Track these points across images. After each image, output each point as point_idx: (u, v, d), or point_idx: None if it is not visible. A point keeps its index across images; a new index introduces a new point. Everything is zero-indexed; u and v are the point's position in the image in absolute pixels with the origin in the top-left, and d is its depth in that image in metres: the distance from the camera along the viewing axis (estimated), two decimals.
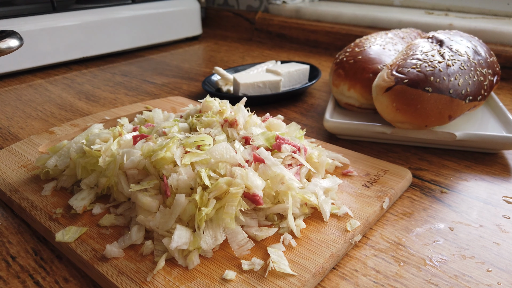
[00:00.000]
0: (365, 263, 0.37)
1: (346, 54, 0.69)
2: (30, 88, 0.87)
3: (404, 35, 0.76)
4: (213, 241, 0.36)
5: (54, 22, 0.96)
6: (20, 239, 0.42)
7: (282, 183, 0.40)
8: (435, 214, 0.44)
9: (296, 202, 0.41)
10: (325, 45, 1.16)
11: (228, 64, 1.03)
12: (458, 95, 0.54)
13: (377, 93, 0.56)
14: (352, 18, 1.14)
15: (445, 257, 0.37)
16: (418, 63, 0.55)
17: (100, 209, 0.42)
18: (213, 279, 0.34)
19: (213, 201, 0.37)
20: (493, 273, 0.36)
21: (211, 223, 0.37)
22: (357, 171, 0.49)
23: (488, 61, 0.61)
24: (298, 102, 0.77)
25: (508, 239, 0.40)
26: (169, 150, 0.40)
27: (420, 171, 0.52)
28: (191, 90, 0.85)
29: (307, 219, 0.41)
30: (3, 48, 0.54)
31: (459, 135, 0.54)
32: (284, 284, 0.33)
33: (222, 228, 0.37)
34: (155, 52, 1.16)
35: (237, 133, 0.46)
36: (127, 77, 0.94)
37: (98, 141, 0.47)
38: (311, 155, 0.47)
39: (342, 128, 0.59)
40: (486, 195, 0.47)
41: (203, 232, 0.36)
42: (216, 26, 1.47)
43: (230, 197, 0.37)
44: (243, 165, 0.40)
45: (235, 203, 0.37)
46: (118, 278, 0.34)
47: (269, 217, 0.41)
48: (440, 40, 0.61)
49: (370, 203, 0.43)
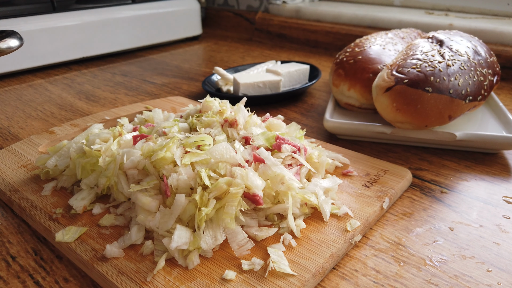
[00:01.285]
0: (365, 263, 0.37)
1: (346, 54, 0.69)
2: (30, 88, 0.87)
3: (404, 35, 0.76)
4: (213, 241, 0.36)
5: (54, 22, 0.96)
6: (20, 239, 0.42)
7: (282, 183, 0.40)
8: (435, 214, 0.44)
9: (296, 202, 0.41)
10: (325, 45, 1.16)
11: (228, 64, 1.03)
12: (458, 95, 0.54)
13: (377, 93, 0.56)
14: (352, 18, 1.14)
15: (445, 257, 0.37)
16: (418, 63, 0.55)
17: (100, 209, 0.42)
18: (213, 279, 0.34)
19: (213, 201, 0.37)
20: (493, 273, 0.36)
21: (211, 223, 0.37)
22: (357, 171, 0.49)
23: (488, 61, 0.61)
24: (298, 102, 0.77)
25: (508, 239, 0.40)
26: (169, 150, 0.40)
27: (420, 171, 0.52)
28: (191, 90, 0.85)
29: (307, 219, 0.41)
30: (3, 48, 0.54)
31: (459, 135, 0.54)
32: (284, 284, 0.33)
33: (222, 228, 0.37)
34: (155, 52, 1.16)
35: (237, 133, 0.46)
36: (127, 77, 0.94)
37: (98, 141, 0.47)
38: (311, 155, 0.47)
39: (342, 128, 0.59)
40: (486, 195, 0.47)
41: (203, 232, 0.36)
42: (216, 26, 1.47)
43: (230, 197, 0.37)
44: (243, 165, 0.40)
45: (235, 203, 0.37)
46: (118, 278, 0.34)
47: (269, 217, 0.41)
48: (440, 40, 0.61)
49: (370, 203, 0.43)
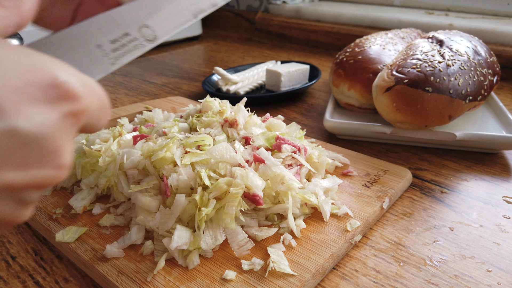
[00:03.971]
0: (365, 263, 0.37)
1: (346, 54, 0.69)
2: None
3: (404, 35, 0.76)
4: (213, 241, 0.36)
5: None
6: (20, 239, 0.42)
7: (282, 183, 0.40)
8: (435, 214, 0.44)
9: (296, 202, 0.41)
10: (325, 45, 1.16)
11: (228, 64, 1.03)
12: (458, 95, 0.54)
13: (377, 93, 0.56)
14: (352, 18, 1.14)
15: (445, 257, 0.37)
16: (418, 63, 0.55)
17: (100, 209, 0.42)
18: (213, 279, 0.34)
19: (213, 201, 0.37)
20: (493, 273, 0.36)
21: (211, 223, 0.37)
22: (357, 171, 0.49)
23: (488, 61, 0.61)
24: (298, 102, 0.77)
25: (508, 239, 0.40)
26: (169, 150, 0.40)
27: (420, 171, 0.52)
28: (191, 90, 0.85)
29: (307, 219, 0.41)
30: None
31: (459, 135, 0.54)
32: (284, 284, 0.33)
33: (222, 229, 0.37)
34: (155, 52, 1.16)
35: (237, 133, 0.46)
36: (127, 77, 0.94)
37: (98, 141, 0.47)
38: (311, 155, 0.47)
39: (342, 128, 0.59)
40: (486, 195, 0.47)
41: (203, 232, 0.36)
42: (216, 26, 1.47)
43: (230, 198, 0.37)
44: (243, 165, 0.40)
45: (235, 204, 0.37)
46: (118, 278, 0.34)
47: (269, 217, 0.41)
48: (440, 40, 0.61)
49: (370, 203, 0.43)
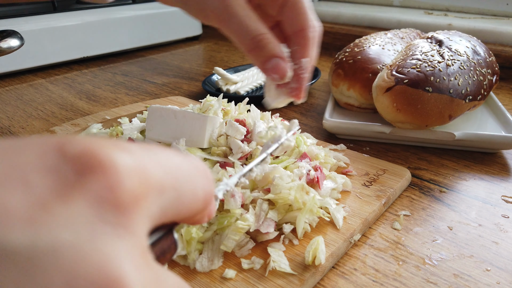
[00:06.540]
0: (364, 262, 0.37)
1: (346, 54, 0.69)
2: (31, 88, 0.87)
3: (403, 35, 0.76)
4: (208, 264, 0.35)
5: (55, 22, 0.96)
6: None
7: (307, 193, 0.39)
8: (434, 213, 0.44)
9: (313, 213, 0.39)
10: (324, 45, 1.16)
11: (228, 64, 1.03)
12: (458, 95, 0.54)
13: (377, 94, 0.56)
14: (352, 18, 1.14)
15: (444, 256, 0.38)
16: (418, 63, 0.55)
17: None
18: (213, 278, 0.34)
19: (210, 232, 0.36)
20: (492, 272, 0.36)
21: (212, 244, 0.36)
22: (356, 170, 0.49)
23: (487, 60, 0.61)
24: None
25: (507, 238, 0.40)
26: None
27: (419, 171, 0.52)
28: (191, 90, 0.85)
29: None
30: (4, 48, 0.55)
31: (458, 134, 0.54)
32: (284, 282, 0.33)
33: (222, 253, 0.36)
34: (156, 52, 1.17)
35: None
36: (127, 77, 0.94)
37: None
38: (317, 155, 0.47)
39: (341, 128, 0.59)
40: (485, 194, 0.47)
41: (200, 254, 0.35)
42: None
43: (234, 230, 0.35)
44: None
45: (236, 238, 0.35)
46: None
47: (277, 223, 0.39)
48: (439, 40, 0.61)
49: (370, 202, 0.43)
